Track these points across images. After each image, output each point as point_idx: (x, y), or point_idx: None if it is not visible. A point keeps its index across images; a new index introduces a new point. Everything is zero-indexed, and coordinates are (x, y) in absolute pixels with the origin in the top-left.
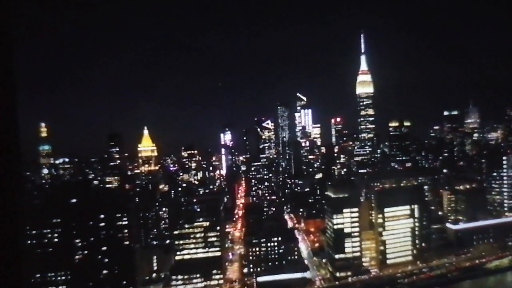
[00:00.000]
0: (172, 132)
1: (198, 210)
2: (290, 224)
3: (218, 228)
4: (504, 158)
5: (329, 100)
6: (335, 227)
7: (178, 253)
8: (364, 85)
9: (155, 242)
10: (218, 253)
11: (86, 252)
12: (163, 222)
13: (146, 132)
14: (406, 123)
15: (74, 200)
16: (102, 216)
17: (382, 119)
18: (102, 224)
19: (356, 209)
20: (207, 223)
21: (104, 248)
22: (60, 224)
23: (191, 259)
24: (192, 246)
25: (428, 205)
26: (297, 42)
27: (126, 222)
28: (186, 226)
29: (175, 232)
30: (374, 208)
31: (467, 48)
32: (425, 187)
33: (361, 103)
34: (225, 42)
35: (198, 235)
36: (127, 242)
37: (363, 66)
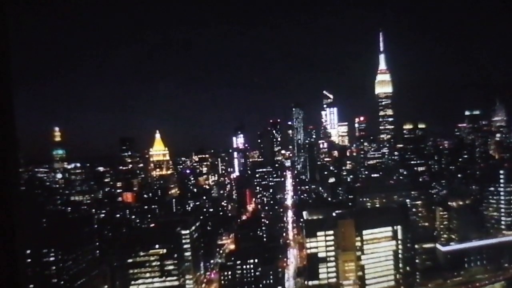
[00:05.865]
0: (185, 136)
1: (148, 237)
2: (290, 236)
3: (175, 255)
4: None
5: (352, 99)
6: (308, 251)
7: (132, 282)
8: (383, 84)
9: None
10: (176, 282)
11: None
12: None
13: (158, 136)
14: (421, 125)
15: None
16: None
17: (401, 120)
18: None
19: (331, 232)
20: (164, 250)
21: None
22: None
23: None
24: (148, 275)
25: (417, 224)
26: (315, 39)
27: (54, 259)
28: (141, 253)
29: (129, 261)
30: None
31: (491, 45)
32: (418, 202)
33: (380, 103)
34: (240, 41)
35: (154, 263)
36: (55, 280)
37: (382, 65)
